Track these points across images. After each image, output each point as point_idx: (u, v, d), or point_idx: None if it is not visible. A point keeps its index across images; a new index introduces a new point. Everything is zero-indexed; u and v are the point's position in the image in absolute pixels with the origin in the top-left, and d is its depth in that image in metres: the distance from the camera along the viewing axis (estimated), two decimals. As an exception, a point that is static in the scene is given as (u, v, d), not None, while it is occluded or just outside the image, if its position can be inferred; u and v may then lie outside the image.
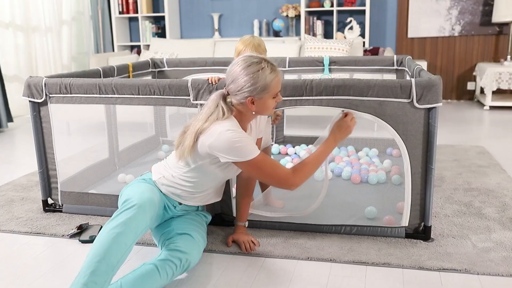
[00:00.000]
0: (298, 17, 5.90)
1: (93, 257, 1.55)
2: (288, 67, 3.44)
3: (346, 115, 2.03)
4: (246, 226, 2.16)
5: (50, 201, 2.56)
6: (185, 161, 1.88)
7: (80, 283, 1.51)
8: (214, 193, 2.05)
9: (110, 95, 2.31)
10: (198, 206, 2.06)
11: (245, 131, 1.94)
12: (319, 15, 5.91)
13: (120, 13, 6.25)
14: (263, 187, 2.50)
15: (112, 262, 1.56)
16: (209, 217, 2.13)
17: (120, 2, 6.21)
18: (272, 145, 3.64)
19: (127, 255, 1.63)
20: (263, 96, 1.82)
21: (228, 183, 2.24)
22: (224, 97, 1.88)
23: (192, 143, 1.82)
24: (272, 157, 3.31)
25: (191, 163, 1.87)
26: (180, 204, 1.98)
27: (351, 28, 5.58)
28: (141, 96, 2.26)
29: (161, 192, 1.93)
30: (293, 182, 1.88)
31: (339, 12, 5.79)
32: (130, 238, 1.63)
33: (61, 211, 2.52)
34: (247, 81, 1.79)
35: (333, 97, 2.06)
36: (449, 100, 5.97)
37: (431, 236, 2.11)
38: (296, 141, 3.76)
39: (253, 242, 2.06)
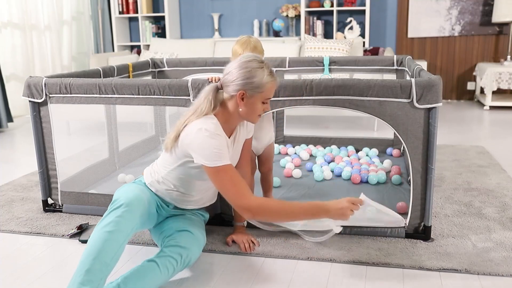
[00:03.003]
0: (298, 17, 5.90)
1: (87, 256, 1.57)
2: (288, 67, 3.44)
3: (353, 203, 1.79)
4: (245, 225, 2.16)
5: (50, 201, 2.56)
6: (171, 158, 1.88)
7: (76, 282, 1.53)
8: (208, 196, 2.04)
9: (110, 95, 2.31)
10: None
11: (231, 133, 1.93)
12: (319, 15, 5.91)
13: (120, 13, 6.25)
14: (265, 186, 2.49)
15: (105, 260, 1.57)
16: (207, 216, 2.13)
17: (120, 2, 6.22)
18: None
19: (120, 253, 1.64)
20: (254, 95, 1.80)
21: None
22: (217, 90, 1.87)
23: (175, 135, 1.83)
24: (273, 156, 3.31)
25: (176, 159, 1.87)
26: (175, 207, 1.99)
27: (351, 28, 5.58)
28: (141, 96, 2.26)
29: (153, 192, 1.94)
30: (247, 209, 1.73)
31: (339, 12, 5.79)
32: (122, 236, 1.64)
33: (61, 211, 2.52)
34: (244, 74, 1.78)
35: (333, 97, 2.06)
36: (449, 100, 5.97)
37: (431, 236, 2.11)
38: (296, 141, 3.76)
39: (252, 242, 2.06)
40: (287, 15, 5.84)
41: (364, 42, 5.51)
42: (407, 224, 2.10)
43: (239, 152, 2.05)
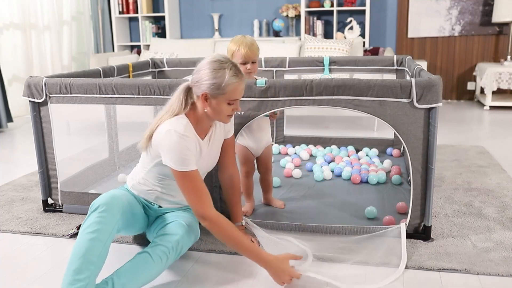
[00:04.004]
0: (298, 17, 5.90)
1: (73, 257, 1.59)
2: (288, 67, 3.44)
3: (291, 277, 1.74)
4: (244, 224, 2.16)
5: (50, 201, 2.56)
6: (147, 158, 1.90)
7: (65, 283, 1.55)
8: None
9: (110, 95, 2.31)
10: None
11: (205, 133, 1.92)
12: (319, 15, 5.91)
13: (120, 13, 6.25)
14: (264, 187, 2.49)
15: (91, 259, 1.59)
16: None
17: (120, 2, 6.21)
18: (272, 145, 3.64)
19: (106, 251, 1.65)
20: (218, 96, 1.78)
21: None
22: (189, 90, 1.87)
23: (148, 134, 1.84)
24: (272, 157, 3.31)
25: (151, 159, 1.88)
26: (160, 206, 2.00)
27: (351, 28, 5.58)
28: (141, 96, 2.26)
29: (136, 194, 1.96)
30: (204, 218, 1.75)
31: (339, 12, 5.79)
32: (105, 235, 1.65)
33: (61, 211, 2.52)
34: (207, 75, 1.77)
35: (333, 97, 2.06)
36: (449, 100, 5.97)
37: (431, 236, 2.10)
38: (296, 141, 3.76)
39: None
40: (287, 15, 5.84)
41: (364, 42, 5.51)
42: (407, 224, 2.10)
43: (217, 152, 2.05)
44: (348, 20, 5.61)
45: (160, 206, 1.99)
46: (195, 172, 1.78)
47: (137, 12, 6.21)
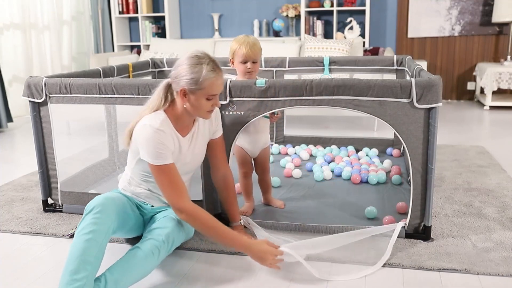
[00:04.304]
0: (298, 17, 5.90)
1: (69, 258, 1.60)
2: (288, 67, 3.44)
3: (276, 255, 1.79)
4: (242, 223, 2.15)
5: (50, 201, 2.56)
6: (131, 155, 1.92)
7: (63, 284, 1.56)
8: (187, 186, 2.03)
9: (110, 95, 2.30)
10: None
11: (187, 130, 1.93)
12: (319, 15, 5.91)
13: (120, 13, 6.25)
14: (263, 187, 2.49)
15: (88, 259, 1.59)
16: None
17: (120, 2, 6.21)
18: (272, 145, 3.64)
19: (102, 252, 1.65)
20: (196, 92, 1.80)
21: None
22: (169, 86, 1.88)
23: (129, 129, 1.87)
24: (272, 157, 3.32)
25: (134, 155, 1.90)
26: (153, 206, 2.00)
27: (351, 28, 5.58)
28: (141, 96, 2.26)
29: (128, 195, 1.98)
30: (180, 211, 1.78)
31: (339, 12, 5.79)
32: (100, 236, 1.65)
33: (61, 211, 2.52)
34: (184, 70, 1.78)
35: (333, 97, 2.06)
36: (449, 100, 5.97)
37: (431, 236, 2.10)
38: (296, 141, 3.76)
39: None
40: (287, 15, 5.84)
41: (364, 42, 5.51)
42: (407, 224, 2.10)
43: (201, 151, 2.04)
44: (348, 20, 5.61)
45: (152, 206, 2.00)
46: (171, 165, 1.80)
47: (137, 12, 6.21)
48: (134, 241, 2.13)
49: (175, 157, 1.87)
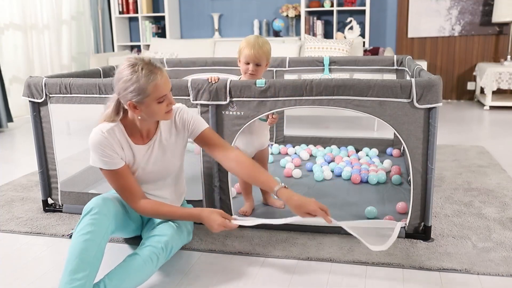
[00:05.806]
0: (298, 17, 5.90)
1: (69, 258, 1.60)
2: (288, 67, 3.44)
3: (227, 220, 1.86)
4: (283, 185, 1.87)
5: (50, 201, 2.56)
6: None
7: (63, 283, 1.56)
8: (166, 195, 2.01)
9: (110, 95, 2.30)
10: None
11: (147, 138, 1.90)
12: (319, 15, 5.91)
13: (120, 13, 6.25)
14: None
15: (87, 259, 1.59)
16: (189, 207, 2.13)
17: (120, 2, 6.21)
18: (271, 145, 3.64)
19: (101, 252, 1.65)
20: (143, 100, 1.74)
21: (227, 182, 2.24)
22: (119, 100, 1.83)
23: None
24: (271, 157, 3.32)
25: None
26: None
27: (351, 28, 5.58)
28: (141, 96, 2.25)
29: None
30: (136, 209, 1.86)
31: (339, 12, 5.79)
32: (98, 236, 1.66)
33: (61, 211, 2.52)
34: (123, 84, 1.73)
35: (333, 97, 2.06)
36: (449, 100, 5.97)
37: (431, 236, 2.10)
38: (296, 141, 3.76)
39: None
40: (287, 15, 5.84)
41: (364, 42, 5.51)
42: (407, 224, 2.10)
43: (175, 158, 1.97)
44: (348, 20, 5.61)
45: None
46: (119, 170, 1.83)
47: (137, 12, 6.21)
48: (133, 241, 2.13)
49: (131, 165, 1.88)
